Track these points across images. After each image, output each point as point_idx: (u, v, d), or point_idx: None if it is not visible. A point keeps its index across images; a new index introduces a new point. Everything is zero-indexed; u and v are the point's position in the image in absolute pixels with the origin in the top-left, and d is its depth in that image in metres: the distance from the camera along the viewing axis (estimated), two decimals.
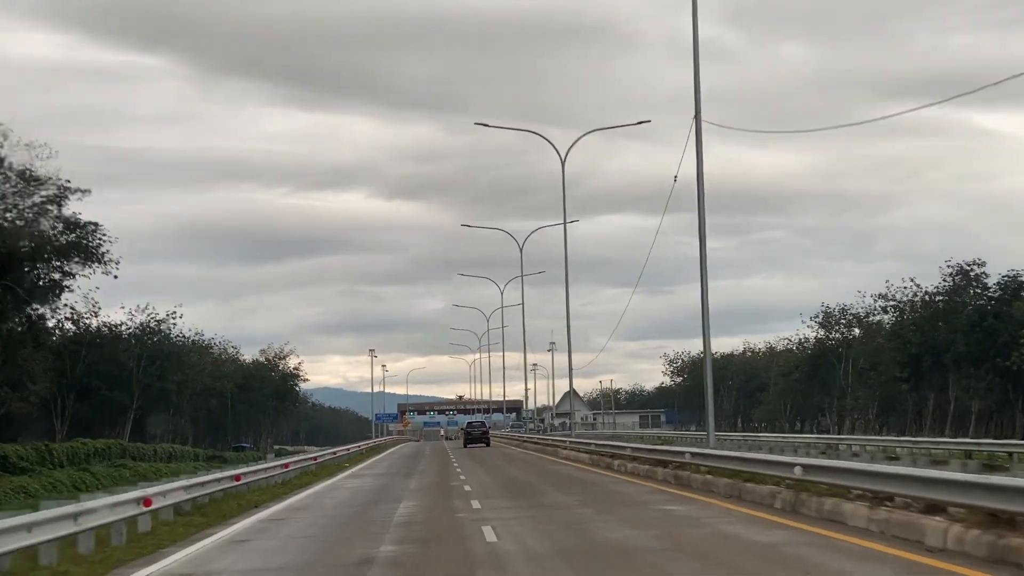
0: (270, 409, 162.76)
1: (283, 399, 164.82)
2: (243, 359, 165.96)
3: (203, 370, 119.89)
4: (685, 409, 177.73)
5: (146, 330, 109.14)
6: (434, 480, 42.46)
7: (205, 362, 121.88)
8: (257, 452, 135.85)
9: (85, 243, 69.72)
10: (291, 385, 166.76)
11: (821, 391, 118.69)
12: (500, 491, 33.87)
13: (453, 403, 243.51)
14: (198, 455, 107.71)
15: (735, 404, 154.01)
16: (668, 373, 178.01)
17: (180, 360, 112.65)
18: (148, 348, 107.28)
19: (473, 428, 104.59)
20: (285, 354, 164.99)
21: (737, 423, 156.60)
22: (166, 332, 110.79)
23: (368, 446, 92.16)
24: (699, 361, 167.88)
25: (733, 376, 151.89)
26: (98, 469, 68.92)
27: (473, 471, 48.40)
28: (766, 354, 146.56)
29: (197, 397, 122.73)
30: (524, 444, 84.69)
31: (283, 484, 40.64)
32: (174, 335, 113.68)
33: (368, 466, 58.93)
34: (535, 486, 35.72)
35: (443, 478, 43.31)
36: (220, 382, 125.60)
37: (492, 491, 33.87)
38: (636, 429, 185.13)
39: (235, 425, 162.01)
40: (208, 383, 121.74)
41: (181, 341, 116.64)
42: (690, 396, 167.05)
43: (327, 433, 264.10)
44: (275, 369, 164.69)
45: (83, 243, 69.20)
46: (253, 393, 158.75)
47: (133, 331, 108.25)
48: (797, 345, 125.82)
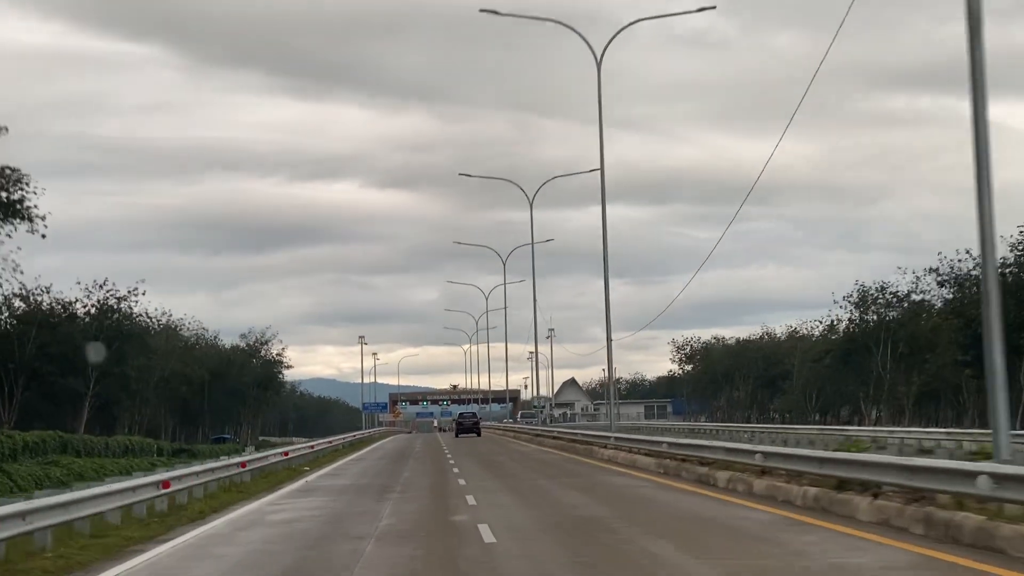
0: (251, 398, 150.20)
1: (265, 388, 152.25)
2: (222, 345, 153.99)
3: (170, 354, 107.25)
4: (695, 398, 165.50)
5: (104, 309, 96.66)
6: (424, 507, 25.53)
7: (173, 346, 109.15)
8: (235, 444, 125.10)
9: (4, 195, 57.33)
10: (274, 373, 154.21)
11: (856, 378, 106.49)
12: (566, 550, 16.83)
13: (447, 393, 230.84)
14: (162, 449, 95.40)
15: (752, 393, 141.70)
16: (676, 360, 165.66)
17: (142, 342, 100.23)
18: (105, 329, 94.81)
19: (464, 419, 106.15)
20: (267, 339, 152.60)
21: (751, 414, 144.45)
22: (126, 311, 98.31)
23: (350, 440, 80.00)
24: (711, 347, 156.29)
25: (750, 363, 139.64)
26: (18, 468, 56.67)
27: (488, 487, 30.48)
28: (789, 339, 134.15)
29: (165, 384, 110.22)
30: (540, 440, 70.31)
31: (169, 514, 24.43)
32: (136, 315, 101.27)
33: (334, 472, 45.22)
34: (629, 537, 17.97)
35: (439, 505, 26.02)
36: (191, 368, 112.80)
37: (549, 550, 16.84)
38: (642, 420, 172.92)
39: (215, 416, 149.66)
40: (177, 368, 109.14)
41: (145, 322, 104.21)
42: (701, 384, 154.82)
43: (315, 424, 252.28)
44: (256, 355, 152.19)
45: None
46: (232, 381, 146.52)
47: (89, 309, 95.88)
48: (827, 328, 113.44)
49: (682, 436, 52.51)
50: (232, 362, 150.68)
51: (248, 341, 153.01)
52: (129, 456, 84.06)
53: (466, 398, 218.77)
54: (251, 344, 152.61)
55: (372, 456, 57.83)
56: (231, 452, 70.38)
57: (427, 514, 23.74)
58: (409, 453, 60.05)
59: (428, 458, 52.91)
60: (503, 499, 26.57)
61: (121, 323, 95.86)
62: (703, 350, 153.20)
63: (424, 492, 30.54)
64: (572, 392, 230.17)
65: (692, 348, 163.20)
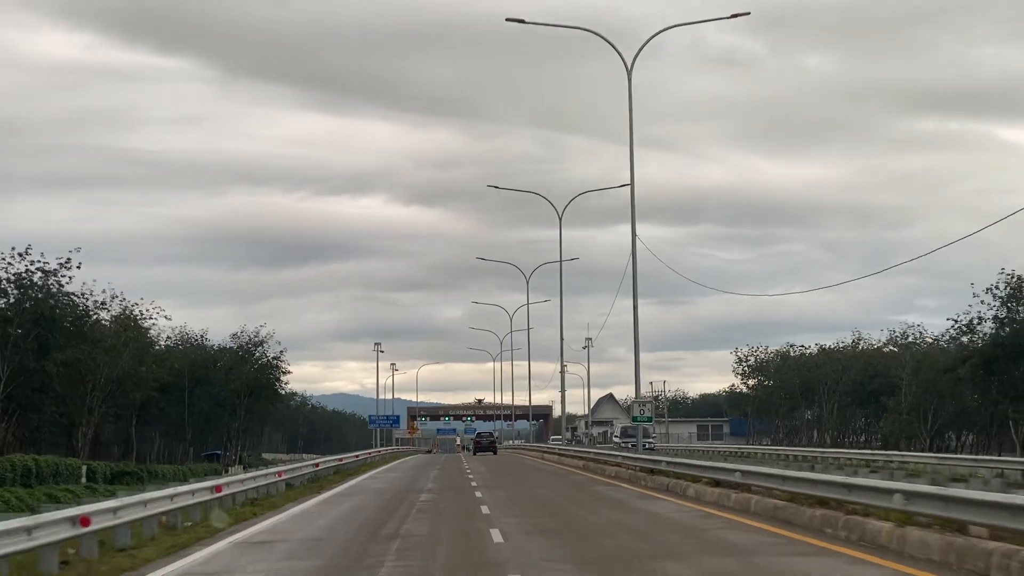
0: (242, 409, 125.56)
1: (257, 396, 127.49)
2: (210, 346, 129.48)
3: (120, 351, 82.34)
4: (760, 417, 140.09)
5: (23, 285, 72.27)
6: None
7: (125, 340, 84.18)
8: (215, 465, 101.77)
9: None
10: (268, 379, 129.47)
11: (999, 393, 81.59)
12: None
13: (471, 408, 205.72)
14: (95, 472, 70.64)
15: (839, 412, 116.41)
16: (739, 373, 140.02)
17: (74, 330, 75.82)
18: (22, 312, 70.50)
19: (482, 438, 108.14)
20: (262, 340, 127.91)
21: (842, 436, 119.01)
22: (54, 289, 73.79)
23: (341, 464, 55.04)
24: (787, 356, 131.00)
25: (837, 376, 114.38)
26: None
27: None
28: (894, 346, 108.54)
29: (117, 388, 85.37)
30: (592, 467, 47.11)
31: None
32: (70, 294, 76.82)
33: (272, 531, 21.66)
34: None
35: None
36: (148, 368, 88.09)
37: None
38: (695, 442, 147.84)
39: (200, 428, 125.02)
40: (129, 368, 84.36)
41: (83, 306, 79.66)
42: (773, 401, 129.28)
43: (328, 440, 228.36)
44: (250, 359, 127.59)
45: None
46: (217, 388, 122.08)
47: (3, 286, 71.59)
48: (959, 330, 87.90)
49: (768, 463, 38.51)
50: (215, 367, 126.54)
51: (240, 342, 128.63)
52: (37, 483, 59.84)
53: (492, 414, 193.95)
54: (242, 346, 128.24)
55: (347, 504, 32.18)
56: (210, 473, 57.89)
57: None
58: (410, 499, 33.90)
59: (444, 520, 26.98)
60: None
61: (40, 305, 71.25)
62: (777, 360, 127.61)
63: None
64: (609, 408, 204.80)
65: (758, 359, 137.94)
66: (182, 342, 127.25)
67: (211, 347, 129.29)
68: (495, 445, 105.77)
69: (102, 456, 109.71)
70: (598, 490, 33.98)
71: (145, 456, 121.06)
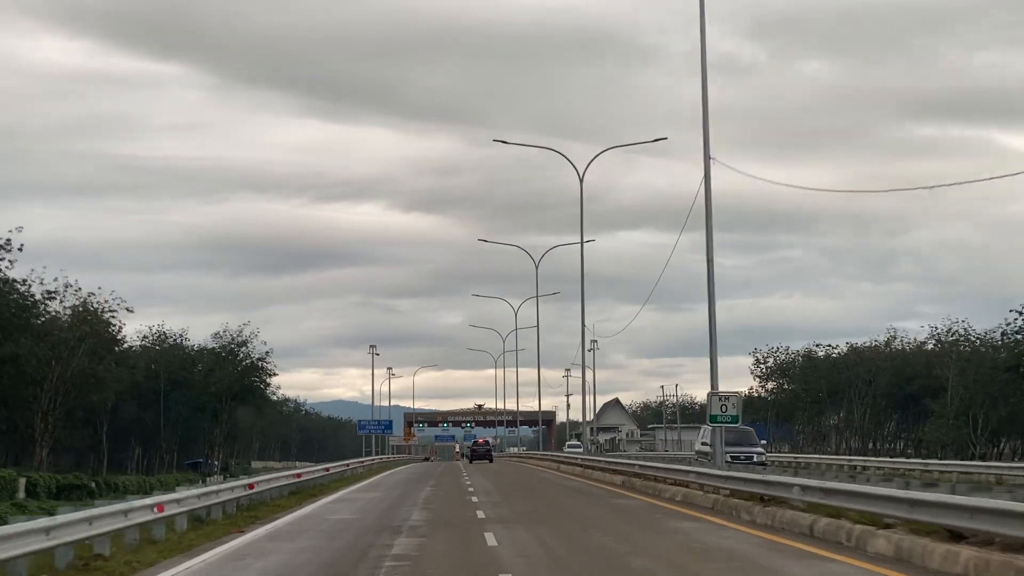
0: (224, 414, 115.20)
1: (240, 400, 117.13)
2: (189, 346, 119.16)
3: (74, 347, 71.75)
4: (780, 422, 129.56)
5: None
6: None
7: (81, 335, 73.49)
8: (193, 475, 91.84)
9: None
10: (251, 381, 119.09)
11: None
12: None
13: (471, 413, 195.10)
14: (35, 485, 60.26)
15: (870, 416, 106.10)
16: (759, 376, 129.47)
17: (19, 323, 65.30)
18: None
19: (478, 446, 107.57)
20: (245, 339, 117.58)
21: (877, 443, 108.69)
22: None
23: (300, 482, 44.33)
24: (812, 357, 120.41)
25: (871, 378, 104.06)
26: None
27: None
28: (937, 344, 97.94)
29: (72, 390, 74.80)
30: (640, 485, 36.16)
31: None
32: (19, 281, 66.45)
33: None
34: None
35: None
36: (107, 368, 77.55)
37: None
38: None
39: (179, 435, 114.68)
40: (85, 367, 73.81)
41: (29, 295, 69.09)
42: (796, 407, 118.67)
43: (323, 446, 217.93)
44: (232, 360, 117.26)
45: None
46: (196, 391, 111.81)
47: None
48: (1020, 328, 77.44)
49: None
50: (192, 368, 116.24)
51: (222, 342, 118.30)
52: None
53: (493, 420, 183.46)
54: (224, 346, 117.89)
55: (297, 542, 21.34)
56: (158, 487, 50.49)
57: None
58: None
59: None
60: None
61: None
62: (801, 361, 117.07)
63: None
64: (616, 415, 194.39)
65: (777, 360, 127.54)
66: (159, 342, 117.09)
67: (191, 347, 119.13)
68: (491, 453, 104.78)
69: (68, 467, 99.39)
70: (689, 532, 21.77)
71: (124, 465, 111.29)
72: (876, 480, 22.39)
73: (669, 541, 19.89)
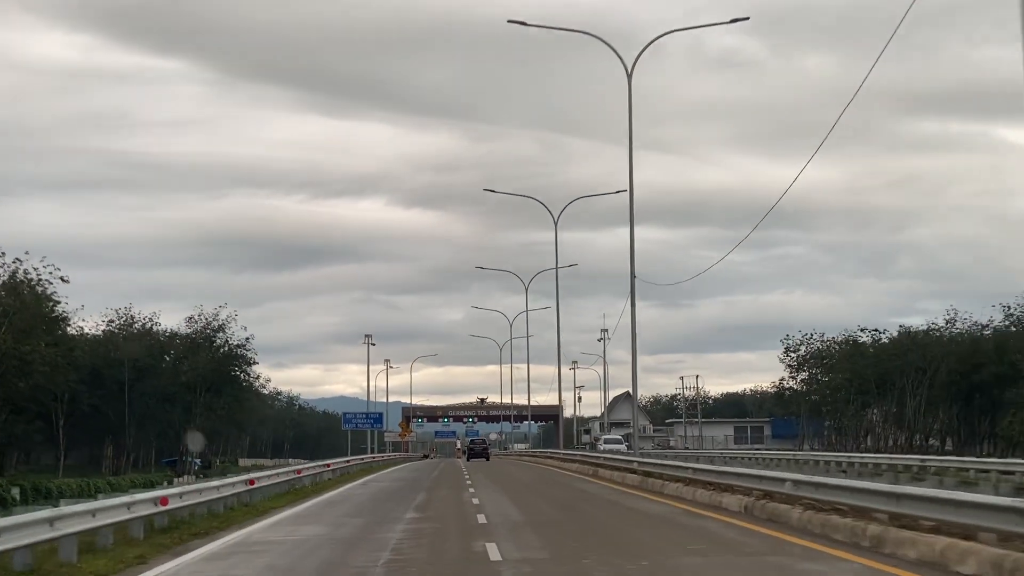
0: (198, 406, 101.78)
1: (216, 391, 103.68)
2: (160, 331, 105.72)
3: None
4: (816, 416, 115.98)
5: None
6: None
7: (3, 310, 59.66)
8: (167, 474, 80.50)
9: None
10: (228, 371, 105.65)
11: None
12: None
13: (473, 408, 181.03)
14: None
15: (930, 409, 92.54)
16: (791, 365, 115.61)
17: None
18: None
19: (475, 444, 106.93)
20: (222, 323, 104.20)
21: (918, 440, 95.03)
22: None
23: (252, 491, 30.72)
24: (851, 342, 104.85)
25: (929, 367, 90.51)
26: None
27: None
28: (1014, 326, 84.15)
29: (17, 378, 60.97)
30: (784, 515, 21.54)
31: None
32: None
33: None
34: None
35: None
36: (33, 347, 63.82)
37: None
38: (732, 446, 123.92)
39: (145, 429, 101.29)
40: (8, 347, 60.11)
41: None
42: (838, 399, 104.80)
43: (317, 443, 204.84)
44: (208, 346, 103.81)
45: None
46: (166, 381, 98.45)
47: None
48: None
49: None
50: (168, 356, 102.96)
51: (196, 327, 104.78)
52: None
53: (496, 415, 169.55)
54: (198, 331, 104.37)
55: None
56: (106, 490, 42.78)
57: None
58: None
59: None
60: None
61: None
62: (845, 347, 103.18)
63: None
64: (627, 409, 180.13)
65: (810, 348, 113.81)
66: (125, 327, 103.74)
67: (161, 333, 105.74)
68: (487, 451, 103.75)
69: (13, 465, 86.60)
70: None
71: (99, 463, 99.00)
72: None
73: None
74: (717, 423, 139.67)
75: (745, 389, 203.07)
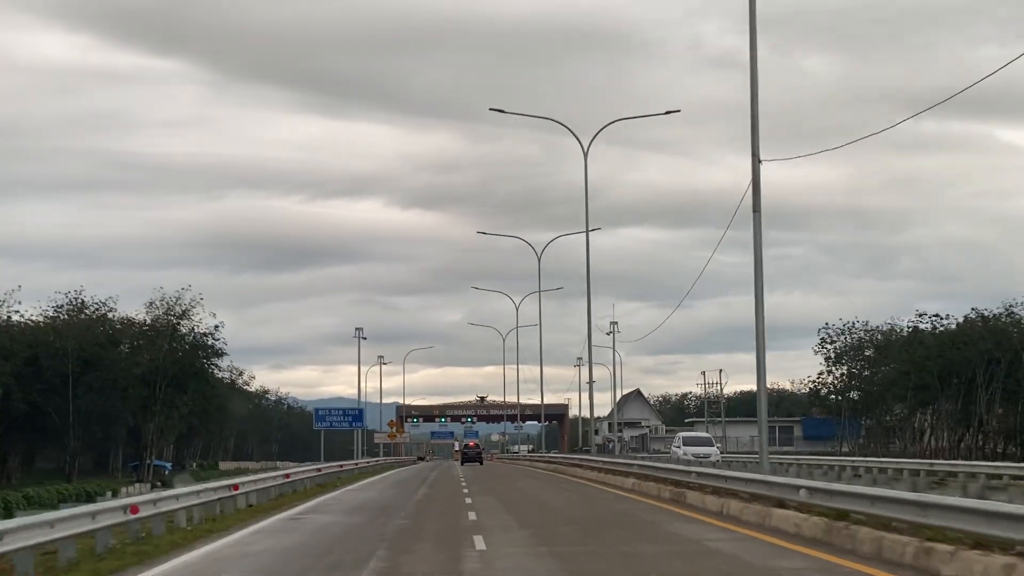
0: (157, 403, 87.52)
1: (180, 386, 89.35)
2: (114, 318, 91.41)
3: None
4: (858, 414, 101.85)
5: None
6: None
7: None
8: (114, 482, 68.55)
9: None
10: (194, 363, 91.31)
11: None
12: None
13: (472, 407, 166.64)
14: None
15: (1010, 406, 78.36)
16: (830, 355, 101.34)
17: None
18: None
19: (468, 449, 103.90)
20: (185, 309, 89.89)
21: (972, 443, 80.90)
22: None
23: None
24: (912, 329, 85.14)
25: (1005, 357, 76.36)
26: None
27: None
28: None
29: None
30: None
31: None
32: None
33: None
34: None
35: None
36: None
37: None
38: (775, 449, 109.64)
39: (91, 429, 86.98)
40: None
41: None
42: (893, 394, 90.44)
43: (308, 445, 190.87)
44: (170, 335, 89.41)
45: None
46: (116, 374, 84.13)
47: None
48: None
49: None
50: (121, 347, 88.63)
51: (155, 313, 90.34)
52: None
53: (497, 414, 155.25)
54: (158, 318, 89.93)
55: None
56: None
57: None
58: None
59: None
60: None
61: None
62: (907, 335, 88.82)
63: None
64: (638, 408, 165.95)
65: (853, 338, 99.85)
66: (75, 312, 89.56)
67: (115, 321, 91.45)
68: (481, 456, 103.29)
69: None
70: None
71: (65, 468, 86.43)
72: None
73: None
74: (742, 422, 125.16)
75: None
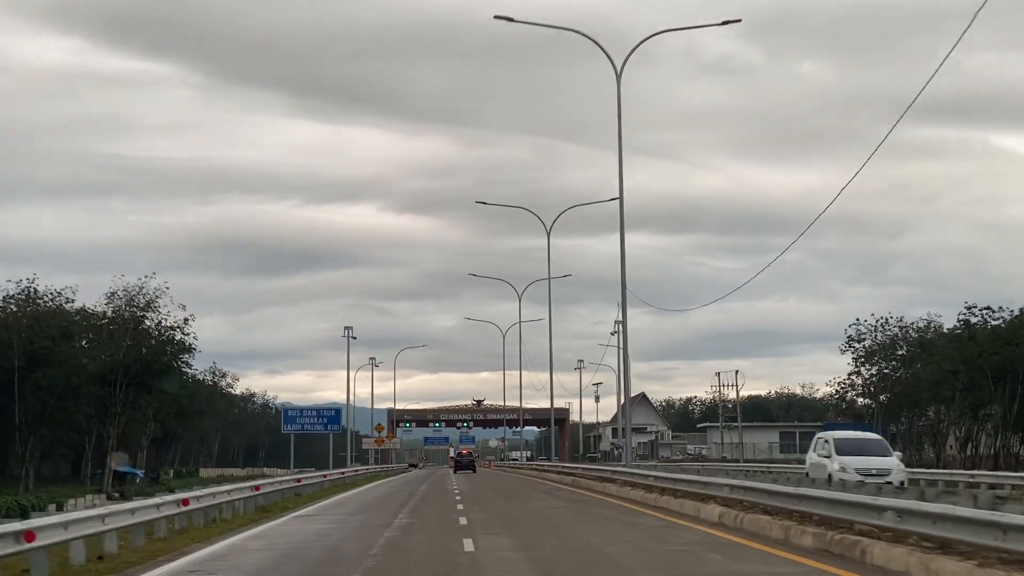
0: (117, 404, 77.81)
1: (141, 386, 79.51)
2: (71, 308, 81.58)
3: None
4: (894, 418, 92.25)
5: None
6: None
7: None
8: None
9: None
10: (165, 359, 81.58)
11: None
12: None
13: (468, 411, 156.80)
14: None
15: None
16: (859, 354, 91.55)
17: None
18: None
19: (461, 457, 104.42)
20: (150, 300, 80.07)
21: None
22: None
23: None
24: (964, 323, 76.64)
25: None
26: None
27: None
28: None
29: None
30: None
31: None
32: None
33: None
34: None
35: None
36: None
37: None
38: (779, 456, 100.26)
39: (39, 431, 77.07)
40: None
41: None
42: (940, 395, 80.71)
43: (297, 450, 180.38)
44: (132, 328, 79.57)
45: None
46: (68, 370, 74.26)
47: None
48: None
49: None
50: (78, 342, 78.89)
51: (115, 304, 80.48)
52: None
53: (497, 418, 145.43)
54: (119, 309, 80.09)
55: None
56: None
57: None
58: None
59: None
60: None
61: None
62: (957, 330, 79.07)
63: None
64: (643, 413, 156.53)
65: (886, 335, 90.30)
66: (28, 303, 79.70)
67: (73, 312, 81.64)
68: (474, 464, 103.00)
69: None
70: None
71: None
72: None
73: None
74: (760, 427, 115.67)
75: (770, 391, 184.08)
